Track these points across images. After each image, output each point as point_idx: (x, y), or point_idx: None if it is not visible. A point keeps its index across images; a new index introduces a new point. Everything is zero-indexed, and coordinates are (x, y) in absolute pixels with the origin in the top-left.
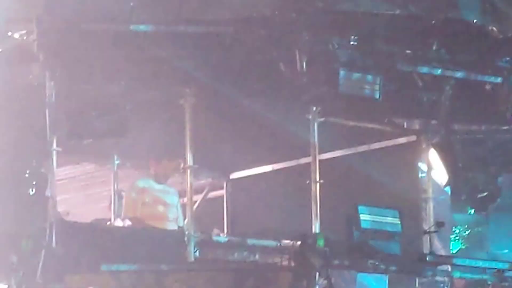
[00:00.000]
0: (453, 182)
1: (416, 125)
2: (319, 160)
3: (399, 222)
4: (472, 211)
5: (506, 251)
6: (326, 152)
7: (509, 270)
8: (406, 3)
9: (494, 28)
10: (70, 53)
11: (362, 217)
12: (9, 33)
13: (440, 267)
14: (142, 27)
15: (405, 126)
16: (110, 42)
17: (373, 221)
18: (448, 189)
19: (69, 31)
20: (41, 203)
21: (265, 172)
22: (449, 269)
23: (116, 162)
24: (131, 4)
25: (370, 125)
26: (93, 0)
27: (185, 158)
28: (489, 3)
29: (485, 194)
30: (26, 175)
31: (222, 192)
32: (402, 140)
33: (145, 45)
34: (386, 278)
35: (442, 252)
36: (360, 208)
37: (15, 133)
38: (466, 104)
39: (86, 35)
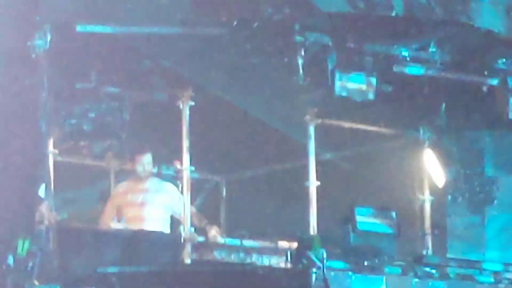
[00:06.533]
0: (450, 183)
1: (413, 127)
2: (316, 162)
3: (396, 223)
4: (469, 212)
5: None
6: (322, 153)
7: (506, 271)
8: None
9: (491, 30)
10: (67, 54)
11: (359, 218)
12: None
13: (436, 269)
14: (138, 29)
15: (401, 128)
16: (107, 44)
17: (370, 222)
18: (445, 190)
19: (65, 32)
20: (37, 205)
21: (262, 174)
22: (446, 271)
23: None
24: (128, 6)
25: (366, 127)
26: (88, 1)
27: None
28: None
29: (482, 195)
30: (23, 178)
31: (219, 193)
32: (398, 141)
33: (142, 47)
34: (382, 279)
35: (438, 253)
36: (357, 209)
37: (11, 135)
38: (463, 105)
39: (81, 37)
